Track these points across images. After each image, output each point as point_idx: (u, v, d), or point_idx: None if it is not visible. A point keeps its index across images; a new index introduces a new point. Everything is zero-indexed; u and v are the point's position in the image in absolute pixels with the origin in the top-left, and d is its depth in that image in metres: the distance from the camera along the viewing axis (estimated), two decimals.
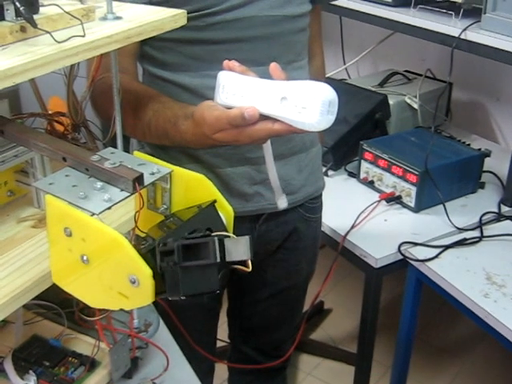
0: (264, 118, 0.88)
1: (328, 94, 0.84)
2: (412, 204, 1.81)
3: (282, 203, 1.30)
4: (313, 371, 2.41)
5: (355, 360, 1.98)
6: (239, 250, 0.69)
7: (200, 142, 0.99)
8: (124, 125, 0.96)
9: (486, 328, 1.44)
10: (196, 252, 0.65)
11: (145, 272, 0.62)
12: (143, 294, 0.63)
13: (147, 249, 0.65)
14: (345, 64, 2.56)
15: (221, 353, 1.79)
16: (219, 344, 1.67)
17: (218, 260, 0.66)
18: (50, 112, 1.08)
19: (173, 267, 0.64)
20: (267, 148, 1.20)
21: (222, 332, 1.68)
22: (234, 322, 1.67)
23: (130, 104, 1.05)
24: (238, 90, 0.91)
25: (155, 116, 1.05)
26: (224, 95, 0.93)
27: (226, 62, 0.95)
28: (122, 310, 0.69)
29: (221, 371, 1.81)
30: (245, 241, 0.68)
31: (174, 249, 0.64)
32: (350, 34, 2.65)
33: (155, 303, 1.07)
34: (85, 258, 0.66)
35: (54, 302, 1.03)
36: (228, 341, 1.74)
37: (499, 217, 1.80)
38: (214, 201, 0.75)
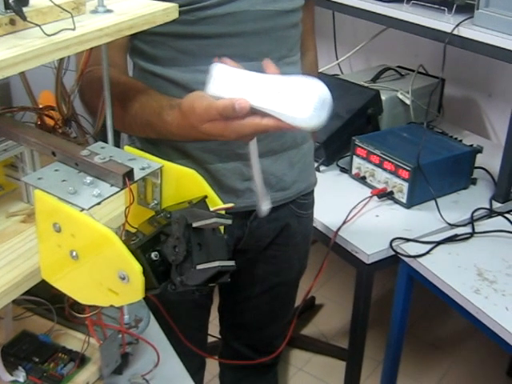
0: (254, 113, 0.87)
1: (323, 91, 0.84)
2: (404, 200, 1.81)
3: (265, 205, 1.27)
4: (304, 367, 2.42)
5: (346, 355, 1.98)
6: (216, 225, 0.69)
7: (185, 133, 0.97)
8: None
9: (476, 324, 1.45)
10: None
11: (134, 268, 0.61)
12: (133, 290, 0.63)
13: (137, 245, 0.65)
14: (337, 59, 2.55)
15: (212, 348, 1.78)
16: (210, 340, 1.67)
17: (234, 265, 0.67)
18: (40, 106, 1.07)
19: (206, 289, 0.67)
20: (253, 148, 1.13)
21: (213, 327, 1.68)
22: (225, 318, 1.66)
23: (117, 97, 1.03)
24: (230, 82, 0.90)
25: (141, 108, 1.04)
26: (215, 86, 0.92)
27: (216, 60, 0.94)
28: (112, 306, 0.69)
29: (212, 367, 1.81)
30: (216, 223, 0.68)
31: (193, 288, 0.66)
32: (342, 29, 2.64)
33: (146, 299, 1.07)
34: (74, 253, 0.66)
35: (43, 297, 1.02)
36: (219, 336, 1.73)
37: (491, 213, 1.80)
38: (205, 196, 0.74)
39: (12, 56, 0.65)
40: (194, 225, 0.67)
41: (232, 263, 0.66)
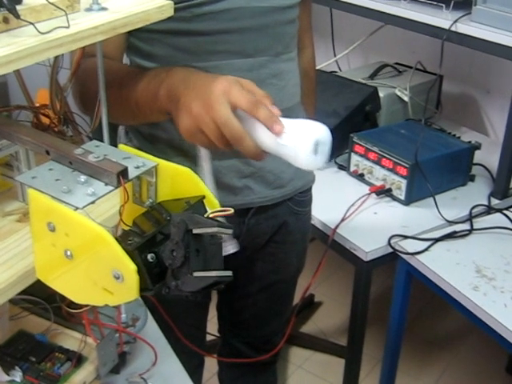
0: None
1: (321, 135, 0.83)
2: (402, 197, 1.81)
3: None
4: (303, 364, 2.42)
5: (345, 353, 1.98)
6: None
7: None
8: (108, 102, 0.94)
9: (475, 321, 1.45)
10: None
11: (129, 267, 0.61)
12: (128, 289, 0.62)
13: (134, 246, 0.64)
14: (335, 56, 2.55)
15: (211, 346, 1.78)
16: (209, 338, 1.67)
17: (231, 276, 0.67)
18: (37, 104, 1.06)
19: (200, 295, 0.66)
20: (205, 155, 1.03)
21: (212, 325, 1.68)
22: (223, 315, 1.66)
23: (114, 81, 1.01)
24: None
25: (139, 73, 1.02)
26: None
27: None
28: (107, 305, 0.68)
29: (211, 365, 1.80)
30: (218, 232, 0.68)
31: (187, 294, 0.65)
32: (340, 26, 2.64)
33: (143, 297, 1.06)
34: (68, 253, 0.65)
35: (40, 296, 1.02)
36: (218, 334, 1.73)
37: (489, 209, 1.80)
38: (203, 197, 0.74)
39: (5, 54, 0.65)
40: (195, 231, 0.66)
41: (229, 274, 0.66)
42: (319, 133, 0.83)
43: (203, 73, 0.93)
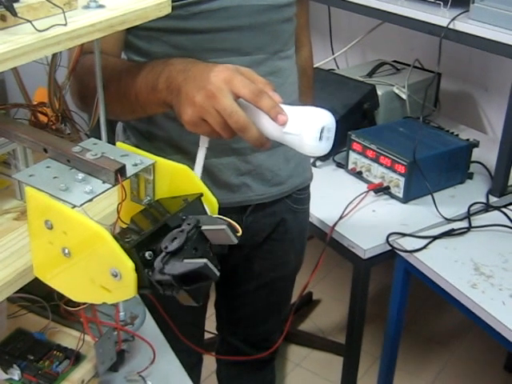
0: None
1: (326, 121, 0.83)
2: (400, 195, 1.81)
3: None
4: (301, 362, 2.42)
5: (344, 351, 1.98)
6: (222, 237, 0.68)
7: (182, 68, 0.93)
8: (107, 98, 0.93)
9: (473, 318, 1.45)
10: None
11: (127, 265, 0.61)
12: (125, 287, 0.62)
13: (132, 244, 0.64)
14: (333, 54, 2.55)
15: (209, 344, 1.78)
16: (207, 335, 1.67)
17: (218, 275, 0.66)
18: (34, 103, 1.06)
19: (178, 292, 0.65)
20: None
21: (210, 323, 1.68)
22: (221, 313, 1.66)
23: (112, 75, 1.01)
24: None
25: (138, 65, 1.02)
26: None
27: None
28: (104, 303, 0.68)
29: (209, 363, 1.81)
30: (225, 231, 0.67)
31: (170, 281, 0.64)
32: (338, 23, 2.64)
33: (142, 295, 1.06)
34: (66, 251, 0.65)
35: (38, 294, 1.02)
36: (216, 332, 1.73)
37: (487, 207, 1.80)
38: (201, 194, 0.74)
39: (2, 52, 0.65)
40: (203, 228, 0.67)
41: (217, 272, 0.66)
42: (324, 119, 0.83)
43: (201, 62, 0.93)
